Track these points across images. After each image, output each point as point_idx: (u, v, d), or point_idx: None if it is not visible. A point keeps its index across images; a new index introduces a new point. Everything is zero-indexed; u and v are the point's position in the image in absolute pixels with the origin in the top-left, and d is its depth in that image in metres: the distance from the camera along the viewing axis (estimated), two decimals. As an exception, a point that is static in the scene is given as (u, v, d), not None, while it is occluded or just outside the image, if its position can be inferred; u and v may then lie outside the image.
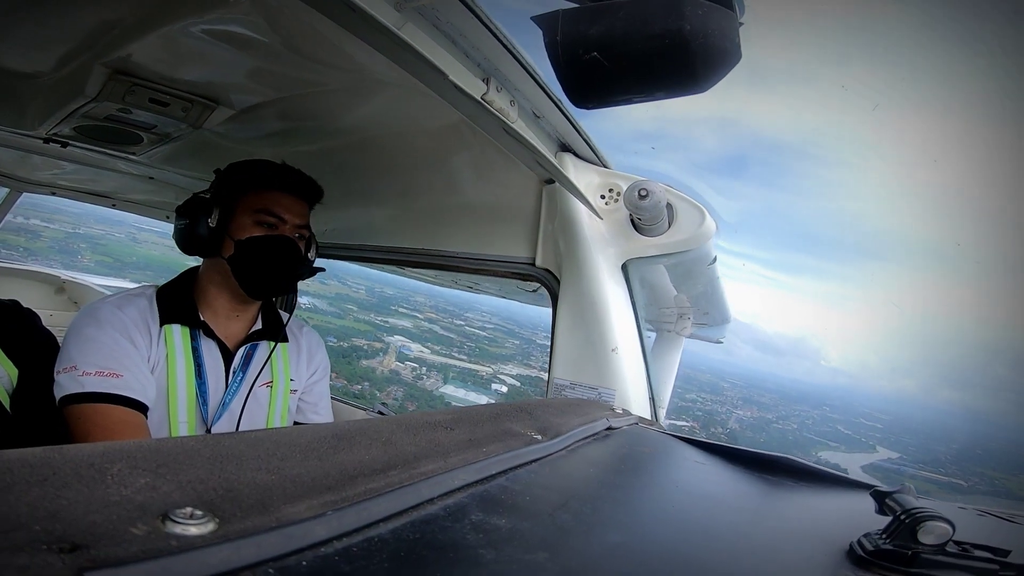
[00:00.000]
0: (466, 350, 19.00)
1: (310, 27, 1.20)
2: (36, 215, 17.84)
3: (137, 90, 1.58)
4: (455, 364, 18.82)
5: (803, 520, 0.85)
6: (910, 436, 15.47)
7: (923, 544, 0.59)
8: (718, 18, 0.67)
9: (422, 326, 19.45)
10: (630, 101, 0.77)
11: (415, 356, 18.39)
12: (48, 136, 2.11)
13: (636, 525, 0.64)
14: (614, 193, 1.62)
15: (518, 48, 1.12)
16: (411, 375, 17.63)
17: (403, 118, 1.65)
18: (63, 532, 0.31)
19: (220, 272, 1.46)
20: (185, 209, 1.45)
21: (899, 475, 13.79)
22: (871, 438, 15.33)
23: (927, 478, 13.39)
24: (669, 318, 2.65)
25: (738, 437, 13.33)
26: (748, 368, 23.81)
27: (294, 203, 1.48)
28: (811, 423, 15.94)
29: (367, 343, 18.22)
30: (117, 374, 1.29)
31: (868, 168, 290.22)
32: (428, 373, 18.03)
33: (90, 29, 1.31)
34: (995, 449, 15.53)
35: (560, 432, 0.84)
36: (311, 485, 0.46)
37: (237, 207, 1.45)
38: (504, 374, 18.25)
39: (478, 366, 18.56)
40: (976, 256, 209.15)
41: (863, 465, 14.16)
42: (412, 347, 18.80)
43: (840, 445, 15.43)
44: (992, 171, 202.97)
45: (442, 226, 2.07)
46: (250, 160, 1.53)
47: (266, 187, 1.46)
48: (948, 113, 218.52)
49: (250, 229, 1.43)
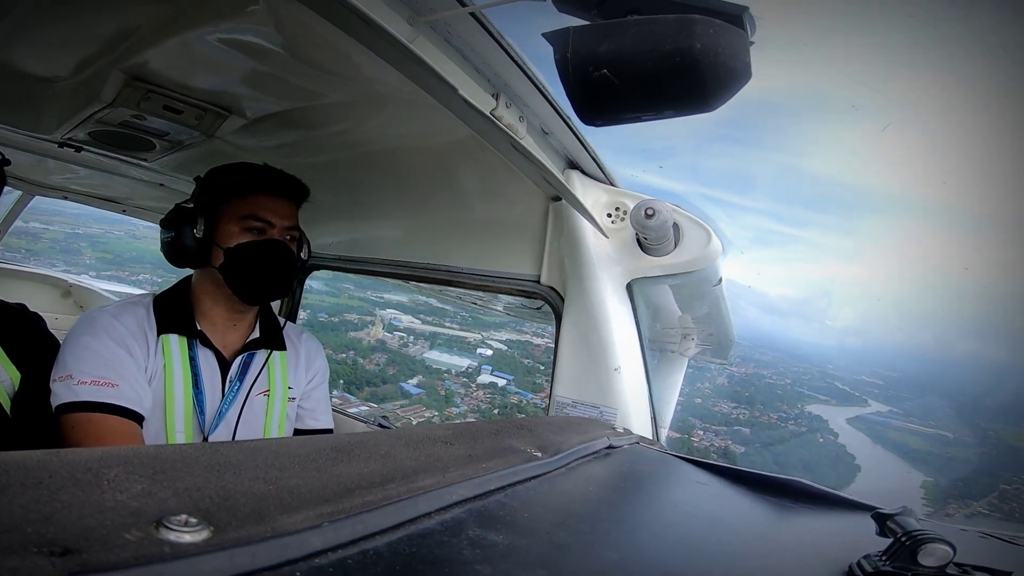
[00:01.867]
0: (458, 320, 18.88)
1: (323, 39, 1.21)
2: (35, 218, 18.23)
3: (152, 97, 1.59)
4: (444, 332, 18.76)
5: (803, 541, 0.84)
6: (913, 391, 15.28)
7: (923, 566, 0.58)
8: (729, 37, 0.67)
9: (417, 300, 19.31)
10: (639, 119, 0.77)
11: (404, 327, 18.36)
12: (63, 140, 2.13)
13: (634, 544, 0.64)
14: (620, 212, 1.62)
15: (528, 64, 1.13)
16: (397, 344, 17.64)
17: (412, 132, 1.66)
18: (55, 535, 0.31)
19: (212, 282, 1.44)
20: (169, 221, 1.43)
21: (883, 427, 13.68)
22: (869, 394, 15.15)
23: (911, 430, 13.27)
24: (673, 338, 2.63)
25: (725, 391, 13.27)
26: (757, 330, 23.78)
27: (280, 205, 1.45)
28: (807, 379, 15.77)
29: (358, 317, 18.20)
30: (112, 383, 1.28)
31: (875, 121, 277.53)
32: (415, 341, 18.02)
33: (109, 35, 1.33)
34: (1007, 402, 15.26)
35: (560, 450, 0.84)
36: (308, 496, 0.45)
37: (222, 214, 1.42)
38: (492, 339, 18.15)
39: (468, 333, 18.48)
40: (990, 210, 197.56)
41: (848, 418, 14.09)
42: (403, 318, 18.73)
43: (831, 399, 15.31)
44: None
45: (447, 241, 2.07)
46: (230, 164, 1.50)
47: (250, 191, 1.43)
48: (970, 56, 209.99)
49: (238, 236, 1.40)
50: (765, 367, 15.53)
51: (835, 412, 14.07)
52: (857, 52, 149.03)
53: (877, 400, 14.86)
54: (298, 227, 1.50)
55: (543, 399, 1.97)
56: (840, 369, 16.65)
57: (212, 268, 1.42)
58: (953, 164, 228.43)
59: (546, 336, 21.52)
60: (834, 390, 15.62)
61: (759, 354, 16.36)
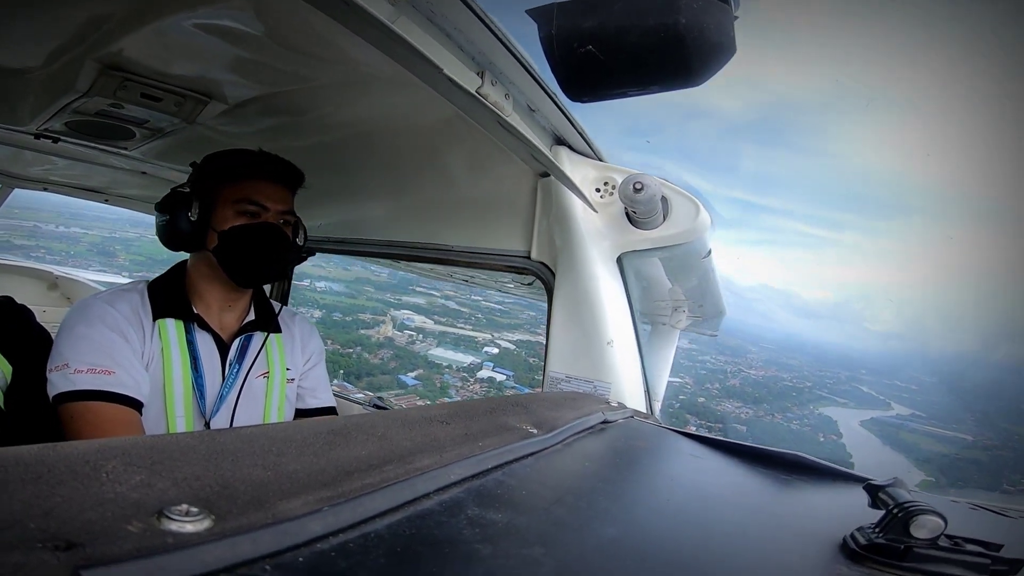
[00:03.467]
0: (472, 321, 19.13)
1: (303, 21, 1.19)
2: (76, 223, 19.15)
3: (129, 85, 1.56)
4: (455, 332, 18.98)
5: (797, 514, 0.85)
6: (948, 395, 15.43)
7: (915, 538, 0.59)
8: (713, 12, 0.67)
9: (435, 302, 19.57)
10: (625, 94, 0.77)
11: (416, 326, 18.59)
12: (39, 132, 2.10)
13: (631, 519, 0.65)
14: (609, 186, 1.62)
15: (513, 41, 1.12)
16: (405, 341, 17.90)
17: (397, 112, 1.64)
18: (58, 530, 0.31)
19: (207, 264, 1.45)
20: (165, 204, 1.44)
21: (898, 429, 13.88)
22: (900, 398, 15.31)
23: (928, 432, 13.44)
24: (664, 311, 2.65)
25: (734, 391, 13.39)
26: (788, 334, 23.89)
27: (275, 190, 1.46)
28: (830, 383, 15.88)
29: (371, 316, 18.47)
30: (109, 371, 1.28)
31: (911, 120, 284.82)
32: (424, 339, 18.28)
33: (81, 24, 1.30)
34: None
35: (555, 426, 0.85)
36: (307, 481, 0.46)
37: (218, 199, 1.43)
38: (502, 339, 18.41)
39: (478, 333, 18.73)
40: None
41: (862, 420, 14.24)
42: (415, 318, 18.97)
43: (849, 402, 15.45)
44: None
45: (437, 220, 2.07)
46: (227, 150, 1.51)
47: (245, 176, 1.45)
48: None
49: (232, 219, 1.42)
50: (787, 370, 15.68)
51: (850, 414, 14.20)
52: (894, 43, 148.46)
53: (903, 404, 15.02)
54: (293, 212, 1.52)
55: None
56: (874, 373, 16.80)
57: (207, 251, 1.43)
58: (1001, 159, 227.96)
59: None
60: (857, 393, 15.80)
61: (785, 358, 16.56)
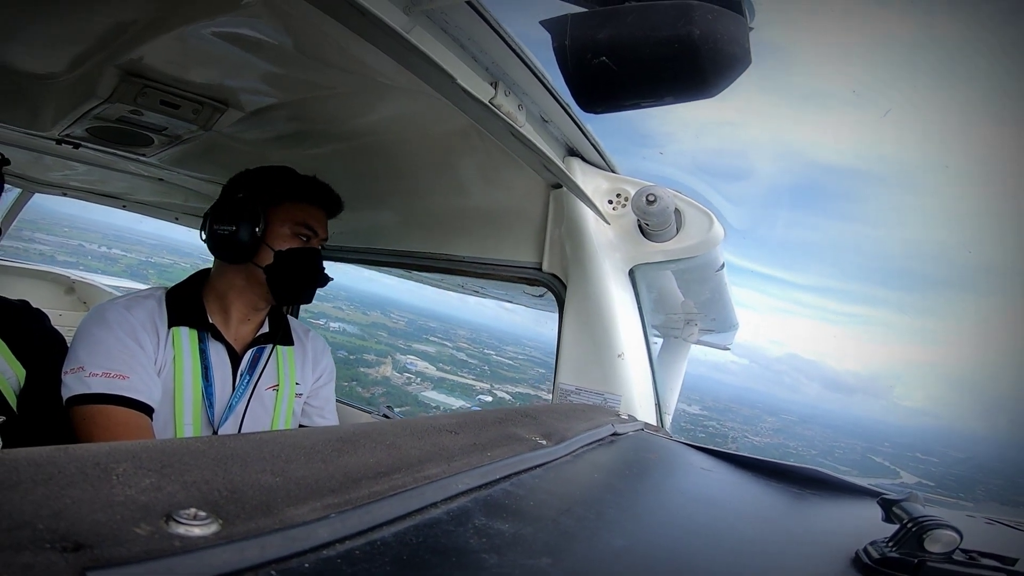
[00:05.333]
0: (477, 372, 19.47)
1: (319, 30, 1.20)
2: (117, 245, 20.21)
3: (149, 92, 1.58)
4: (454, 379, 19.28)
5: (809, 527, 0.84)
6: (970, 471, 15.40)
7: (930, 552, 0.58)
8: (728, 23, 0.67)
9: (445, 351, 20.04)
10: (638, 106, 0.77)
11: (417, 371, 18.93)
12: (61, 137, 2.13)
13: (640, 530, 0.64)
14: (622, 198, 1.61)
15: (526, 52, 1.12)
16: (402, 382, 18.20)
17: (411, 122, 1.65)
18: (67, 531, 0.31)
19: (246, 277, 1.47)
20: (228, 215, 1.44)
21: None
22: (914, 468, 15.32)
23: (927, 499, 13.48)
24: (676, 324, 2.64)
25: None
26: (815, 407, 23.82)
27: (323, 216, 1.54)
28: (841, 453, 15.96)
29: (376, 357, 18.86)
30: (123, 376, 1.30)
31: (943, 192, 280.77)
32: (421, 382, 18.59)
33: (103, 30, 1.32)
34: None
35: (565, 437, 0.84)
36: (315, 488, 0.46)
37: (275, 216, 1.47)
38: (502, 390, 18.67)
39: (478, 383, 19.02)
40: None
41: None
42: (418, 363, 19.31)
43: (852, 470, 15.43)
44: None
45: (449, 230, 2.07)
46: (279, 168, 1.56)
47: (303, 199, 1.50)
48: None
49: (288, 240, 1.47)
50: (797, 439, 15.64)
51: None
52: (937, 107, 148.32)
53: (914, 474, 14.93)
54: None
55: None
56: (897, 447, 16.73)
57: (254, 265, 1.45)
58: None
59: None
60: (866, 462, 15.72)
61: (801, 429, 16.55)
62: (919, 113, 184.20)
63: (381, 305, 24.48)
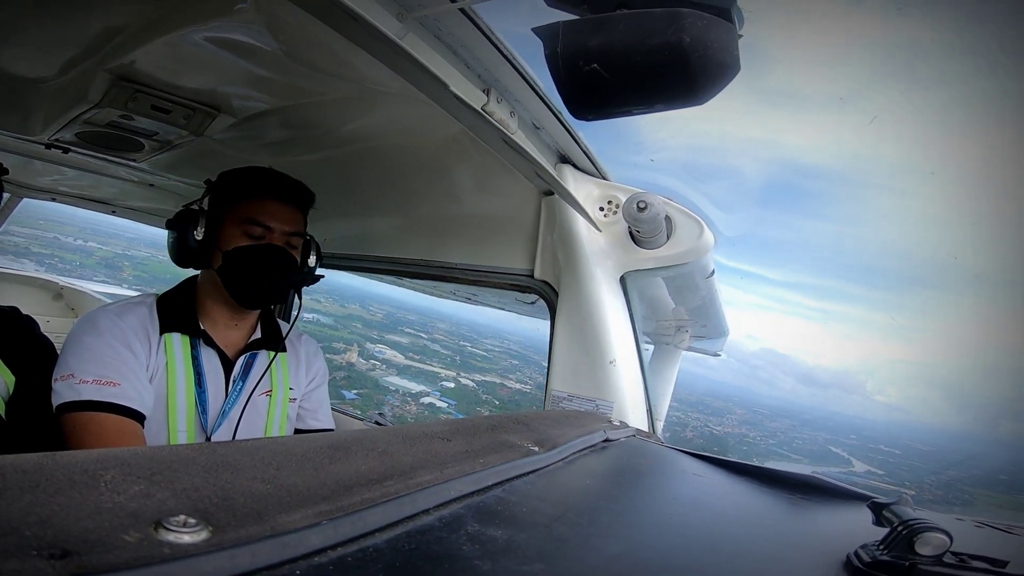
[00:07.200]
0: (446, 361, 19.53)
1: (313, 36, 1.20)
2: (94, 238, 20.13)
3: (139, 97, 1.58)
4: (420, 367, 19.41)
5: (800, 531, 0.84)
6: (929, 463, 15.60)
7: (920, 555, 0.59)
8: (718, 31, 0.67)
9: (419, 342, 20.02)
10: (629, 113, 0.78)
11: (384, 358, 19.00)
12: (50, 142, 2.12)
13: (633, 536, 0.64)
14: (613, 205, 1.62)
15: (518, 59, 1.13)
16: (366, 368, 18.28)
17: (404, 129, 1.65)
18: (54, 538, 0.31)
19: (214, 283, 1.45)
20: (174, 222, 1.45)
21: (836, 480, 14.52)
22: (870, 459, 15.49)
23: (869, 486, 13.97)
24: (667, 331, 2.65)
25: (684, 441, 13.56)
26: (790, 402, 23.80)
27: (282, 210, 1.45)
28: (799, 443, 16.13)
29: (344, 345, 18.91)
30: (114, 383, 1.28)
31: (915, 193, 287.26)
32: (385, 369, 18.69)
33: (94, 35, 1.32)
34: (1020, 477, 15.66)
35: (557, 444, 0.84)
36: (306, 495, 0.45)
37: (226, 217, 1.43)
38: (467, 378, 18.78)
39: (443, 371, 19.14)
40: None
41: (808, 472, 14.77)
42: (386, 352, 19.34)
43: (803, 458, 15.67)
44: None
45: (441, 237, 2.07)
46: (240, 168, 1.51)
47: (253, 196, 1.44)
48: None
49: (237, 239, 1.41)
50: (760, 431, 15.81)
51: (793, 468, 14.43)
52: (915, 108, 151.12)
53: (869, 463, 15.13)
54: (302, 233, 1.51)
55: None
56: (863, 439, 16.93)
57: (212, 270, 1.43)
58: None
59: (525, 381, 21.94)
60: (822, 452, 15.92)
61: (768, 421, 16.71)
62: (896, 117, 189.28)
63: (360, 298, 24.48)
